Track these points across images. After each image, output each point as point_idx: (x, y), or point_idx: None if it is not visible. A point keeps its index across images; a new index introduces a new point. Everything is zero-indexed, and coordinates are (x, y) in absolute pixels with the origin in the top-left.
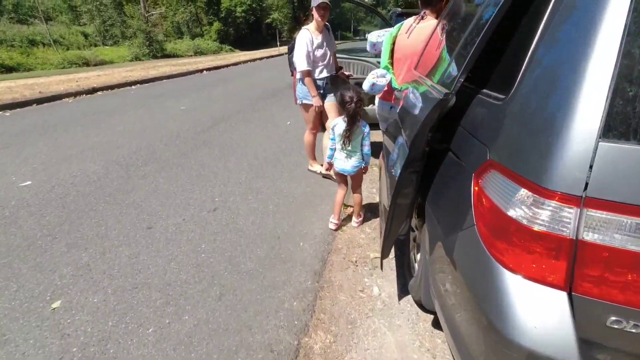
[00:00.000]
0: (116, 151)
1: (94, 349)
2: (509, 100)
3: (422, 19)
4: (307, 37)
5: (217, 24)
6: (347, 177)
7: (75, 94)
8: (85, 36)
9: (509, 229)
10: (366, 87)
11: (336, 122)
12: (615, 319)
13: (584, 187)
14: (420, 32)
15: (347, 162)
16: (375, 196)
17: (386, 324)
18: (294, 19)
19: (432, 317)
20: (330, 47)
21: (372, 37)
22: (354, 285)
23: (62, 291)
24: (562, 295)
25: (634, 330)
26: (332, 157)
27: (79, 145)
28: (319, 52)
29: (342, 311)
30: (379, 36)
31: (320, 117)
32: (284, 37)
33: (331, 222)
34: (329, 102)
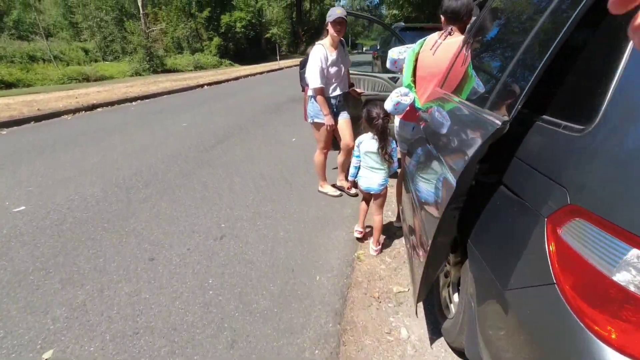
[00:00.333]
0: (116, 172)
1: None
2: (594, 131)
3: (449, 34)
4: (322, 53)
5: (217, 39)
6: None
7: (74, 110)
8: (85, 52)
9: (616, 297)
10: (389, 106)
11: (362, 139)
12: None
13: None
14: (447, 48)
15: (373, 180)
16: (390, 218)
17: None
18: (292, 33)
19: None
20: (345, 64)
21: (394, 53)
22: (380, 326)
23: (54, 337)
24: None
25: None
26: (356, 175)
27: (77, 166)
28: (333, 69)
29: (370, 359)
30: (400, 53)
31: (331, 136)
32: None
33: (356, 231)
34: (343, 120)
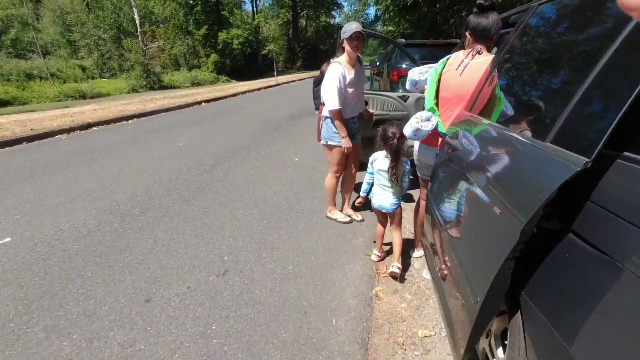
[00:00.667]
0: (110, 197)
1: None
2: None
3: (478, 53)
4: (339, 73)
5: (214, 56)
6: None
7: (68, 130)
8: (83, 69)
9: None
10: (408, 132)
11: (376, 156)
12: None
13: None
14: (476, 68)
15: (386, 199)
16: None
17: None
18: (289, 50)
19: None
20: (362, 82)
21: (414, 74)
22: None
23: None
24: None
25: None
26: (368, 191)
27: (69, 191)
28: (351, 90)
29: None
30: (421, 73)
31: (345, 159)
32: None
33: (374, 254)
34: (355, 144)
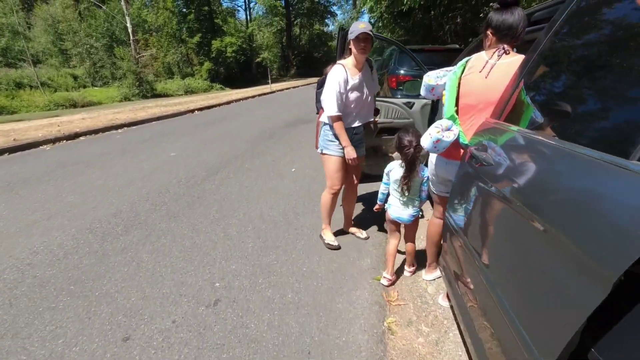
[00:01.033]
0: (92, 214)
1: None
2: None
3: (505, 53)
4: (341, 76)
5: (207, 64)
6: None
7: (54, 140)
8: (74, 78)
9: None
10: (427, 144)
11: (392, 166)
12: None
13: None
14: (505, 70)
15: (404, 210)
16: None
17: None
18: (283, 58)
19: None
20: (370, 89)
21: (430, 79)
22: None
23: None
24: None
25: None
26: (383, 200)
27: (47, 207)
28: (354, 96)
29: None
30: (438, 77)
31: (344, 172)
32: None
33: (384, 278)
34: (361, 156)
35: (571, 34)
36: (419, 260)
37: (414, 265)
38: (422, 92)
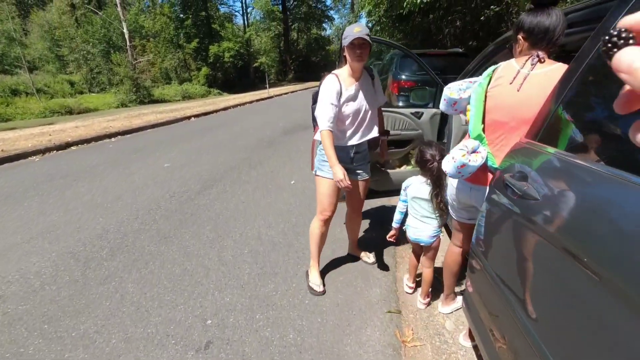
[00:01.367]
0: (75, 236)
1: None
2: None
3: (540, 61)
4: (334, 87)
5: (205, 69)
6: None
7: (44, 150)
8: (71, 84)
9: None
10: (451, 169)
11: (410, 182)
12: None
13: None
14: (541, 81)
15: (424, 231)
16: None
17: None
18: (280, 62)
19: None
20: (370, 101)
21: (452, 91)
22: None
23: None
24: None
25: None
26: (401, 222)
27: (29, 227)
28: (350, 109)
29: None
30: (461, 90)
31: (337, 197)
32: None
33: (406, 286)
34: (360, 180)
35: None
36: (432, 288)
37: (429, 296)
38: (442, 106)
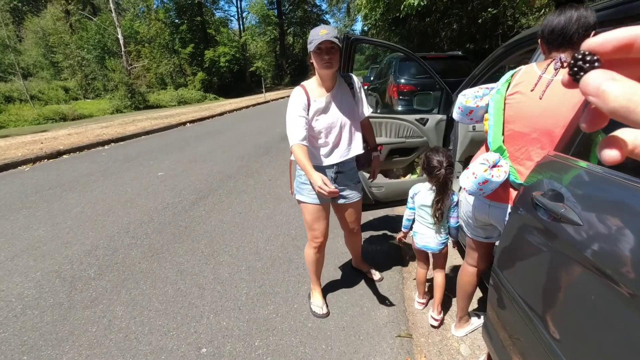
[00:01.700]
0: (63, 252)
1: None
2: None
3: (562, 66)
4: (300, 101)
5: (201, 74)
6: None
7: (34, 159)
8: (66, 90)
9: None
10: (471, 186)
11: (417, 189)
12: None
13: None
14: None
15: (432, 238)
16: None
17: None
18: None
19: None
20: (349, 113)
21: (468, 99)
22: None
23: None
24: None
25: None
26: (409, 227)
27: (13, 243)
28: (322, 123)
29: None
30: (476, 97)
31: (326, 222)
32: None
33: (417, 302)
34: (350, 202)
35: None
36: (444, 307)
37: (441, 312)
38: (455, 115)
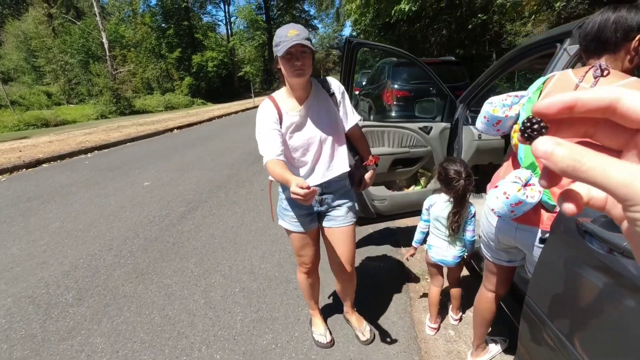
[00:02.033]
0: (38, 274)
1: None
2: None
3: (602, 74)
4: (268, 114)
5: (188, 79)
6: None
7: (11, 169)
8: (48, 95)
9: None
10: (501, 207)
11: (434, 200)
12: None
13: None
14: None
15: (448, 251)
16: None
17: None
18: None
19: None
20: (330, 125)
21: (495, 107)
22: None
23: None
24: None
25: None
26: (422, 242)
27: None
28: (297, 141)
29: None
30: (504, 106)
31: (315, 247)
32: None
33: (428, 327)
34: (338, 228)
35: None
36: (459, 333)
37: (460, 312)
38: (479, 125)
